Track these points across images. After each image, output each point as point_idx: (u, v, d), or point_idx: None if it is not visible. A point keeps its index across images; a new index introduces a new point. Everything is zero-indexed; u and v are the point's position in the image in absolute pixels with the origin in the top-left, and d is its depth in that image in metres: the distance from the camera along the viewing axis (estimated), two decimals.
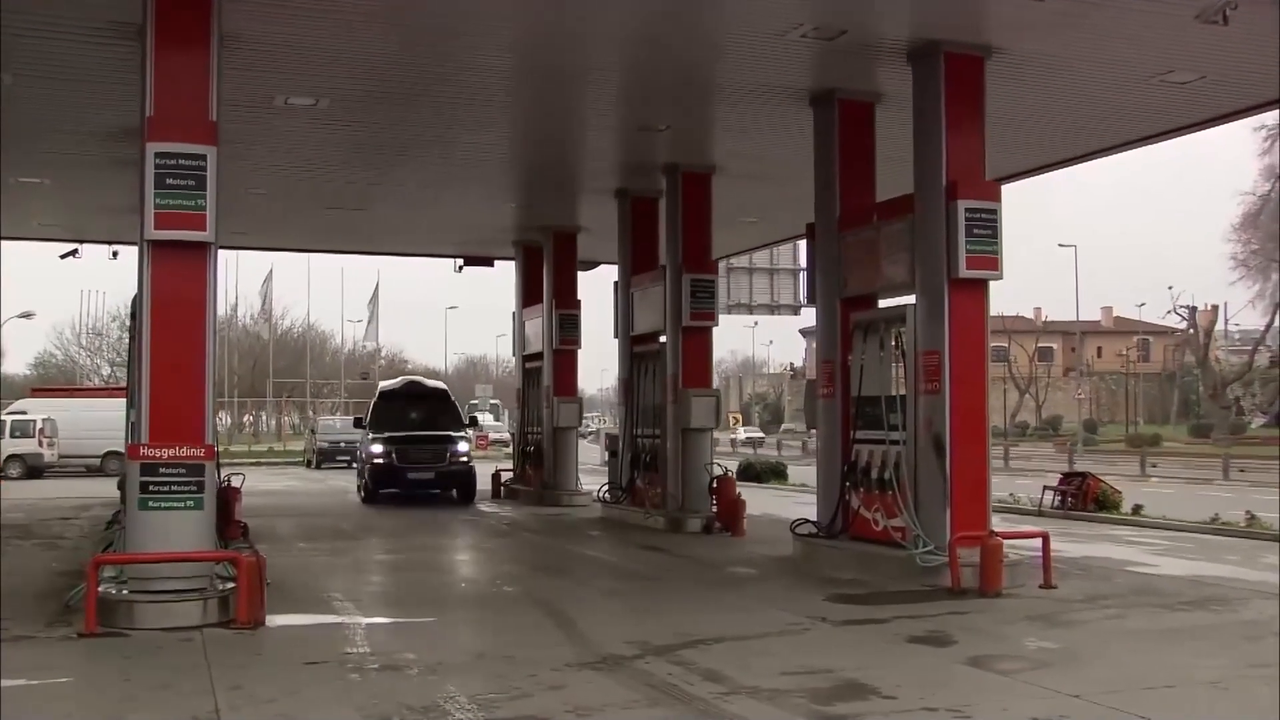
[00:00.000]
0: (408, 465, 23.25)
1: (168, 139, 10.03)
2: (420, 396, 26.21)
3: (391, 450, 23.33)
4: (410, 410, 25.11)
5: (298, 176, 19.06)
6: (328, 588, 12.07)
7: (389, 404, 25.20)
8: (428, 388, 27.88)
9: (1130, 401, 71.09)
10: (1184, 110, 14.71)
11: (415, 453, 23.43)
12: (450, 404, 26.37)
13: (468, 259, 28.14)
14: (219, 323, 10.68)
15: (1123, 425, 68.27)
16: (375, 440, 23.68)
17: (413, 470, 23.28)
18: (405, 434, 23.66)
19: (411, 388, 27.34)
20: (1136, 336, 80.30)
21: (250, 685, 7.68)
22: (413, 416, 24.85)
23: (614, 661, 8.47)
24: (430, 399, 26.14)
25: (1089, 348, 78.12)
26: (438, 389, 27.75)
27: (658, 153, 18.10)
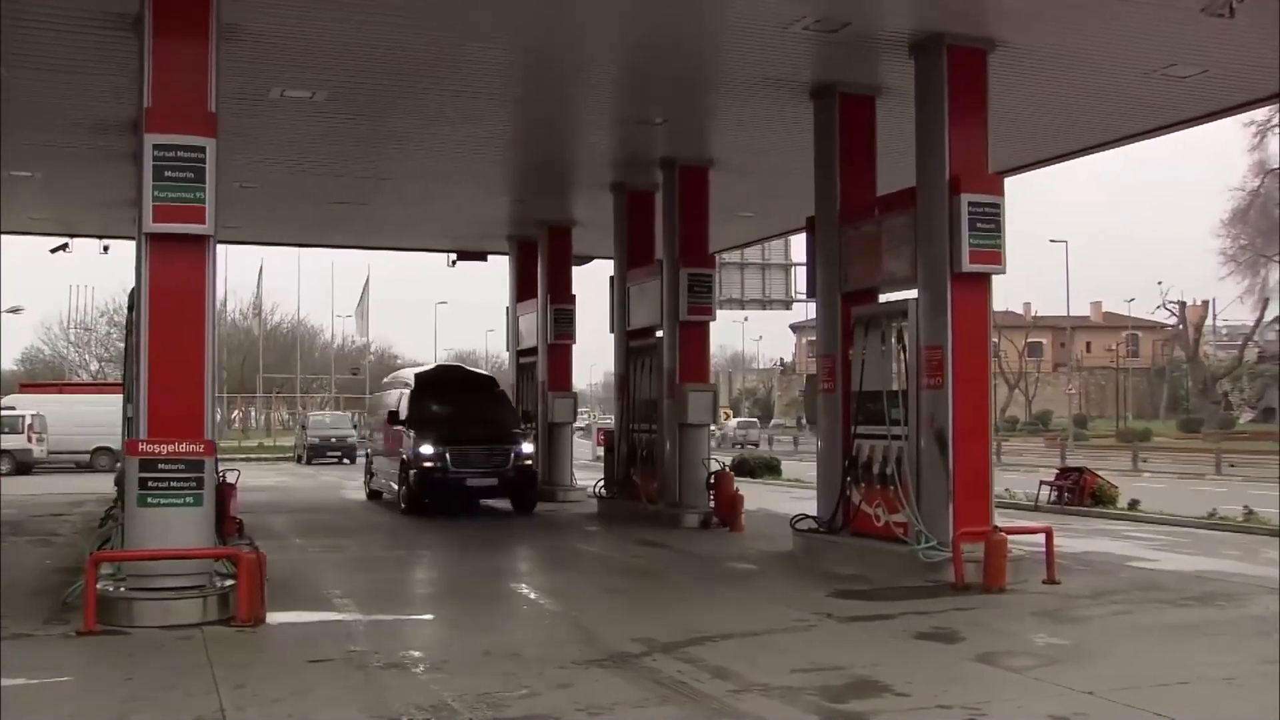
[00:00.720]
0: (467, 471, 19.68)
1: (166, 131, 9.90)
2: (465, 386, 22.79)
3: (446, 453, 19.51)
4: (456, 403, 21.30)
5: (292, 170, 18.93)
6: (326, 584, 11.96)
7: (429, 395, 21.31)
8: (474, 375, 24.80)
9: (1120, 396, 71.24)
10: (1186, 104, 14.67)
11: (476, 456, 19.80)
12: (502, 395, 22.83)
13: (461, 254, 28.05)
14: None
15: (1112, 420, 68.41)
16: (423, 440, 19.64)
17: (473, 476, 19.69)
18: (460, 432, 19.94)
19: (453, 375, 24.15)
20: (1125, 331, 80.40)
21: (255, 684, 7.57)
22: (461, 410, 21.01)
23: (621, 659, 8.38)
24: (477, 389, 22.64)
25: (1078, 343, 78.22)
26: (485, 377, 24.56)
27: (655, 146, 18.00)
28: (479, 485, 19.95)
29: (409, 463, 19.83)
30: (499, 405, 22.06)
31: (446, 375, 23.81)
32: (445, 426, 20.02)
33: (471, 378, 24.17)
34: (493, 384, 23.32)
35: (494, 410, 21.60)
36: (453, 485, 19.68)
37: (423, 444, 19.58)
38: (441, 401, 21.16)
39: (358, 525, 18.83)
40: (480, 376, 24.58)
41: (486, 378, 24.36)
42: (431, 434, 19.70)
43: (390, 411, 21.28)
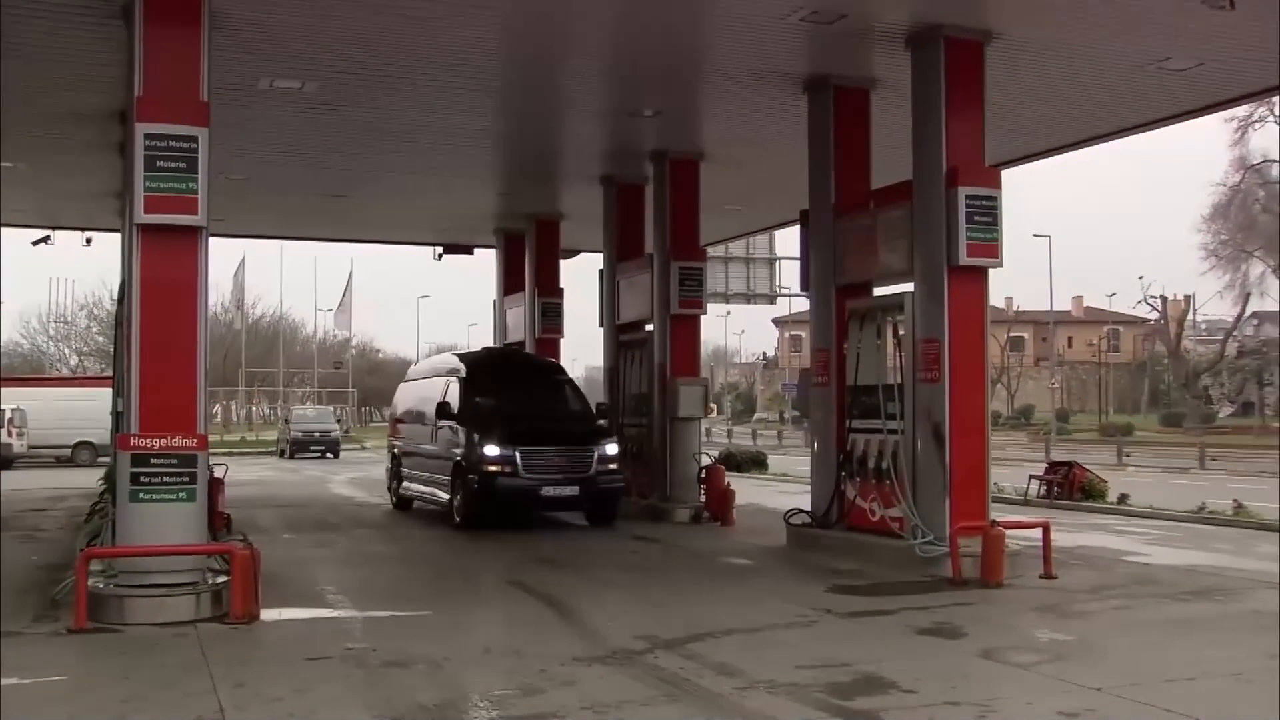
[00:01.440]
0: (541, 477, 16.19)
1: (158, 120, 9.73)
2: (527, 373, 19.32)
3: (516, 455, 16.08)
4: (519, 393, 17.95)
5: (279, 162, 18.77)
6: (319, 580, 11.83)
7: (485, 385, 17.78)
8: (536, 360, 21.01)
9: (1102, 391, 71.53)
10: (1182, 97, 14.63)
11: (553, 459, 16.37)
12: (572, 385, 19.01)
13: (447, 247, 27.86)
14: None
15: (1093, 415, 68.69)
16: (486, 439, 16.23)
17: (549, 484, 16.20)
18: (531, 430, 16.60)
19: (511, 360, 20.38)
20: (1107, 326, 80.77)
21: (254, 683, 7.45)
22: (527, 403, 17.73)
23: (623, 656, 8.29)
24: (542, 376, 19.13)
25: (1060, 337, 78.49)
26: (549, 363, 20.85)
27: (645, 139, 17.88)
28: (556, 495, 16.33)
29: (466, 466, 16.38)
30: (570, 397, 18.44)
31: (502, 360, 20.19)
32: (512, 423, 16.61)
33: (534, 363, 20.49)
34: (559, 371, 19.63)
35: (565, 403, 18.20)
36: (523, 495, 16.19)
37: (486, 444, 16.15)
38: (502, 392, 17.71)
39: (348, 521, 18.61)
40: (544, 362, 20.84)
41: (551, 363, 20.67)
42: (496, 432, 16.29)
43: (440, 404, 17.46)
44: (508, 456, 16.13)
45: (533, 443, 16.33)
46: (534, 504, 16.49)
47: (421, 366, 21.85)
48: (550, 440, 16.56)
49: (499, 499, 16.20)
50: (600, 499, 16.75)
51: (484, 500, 16.17)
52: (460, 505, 16.57)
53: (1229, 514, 17.70)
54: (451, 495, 16.95)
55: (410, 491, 19.26)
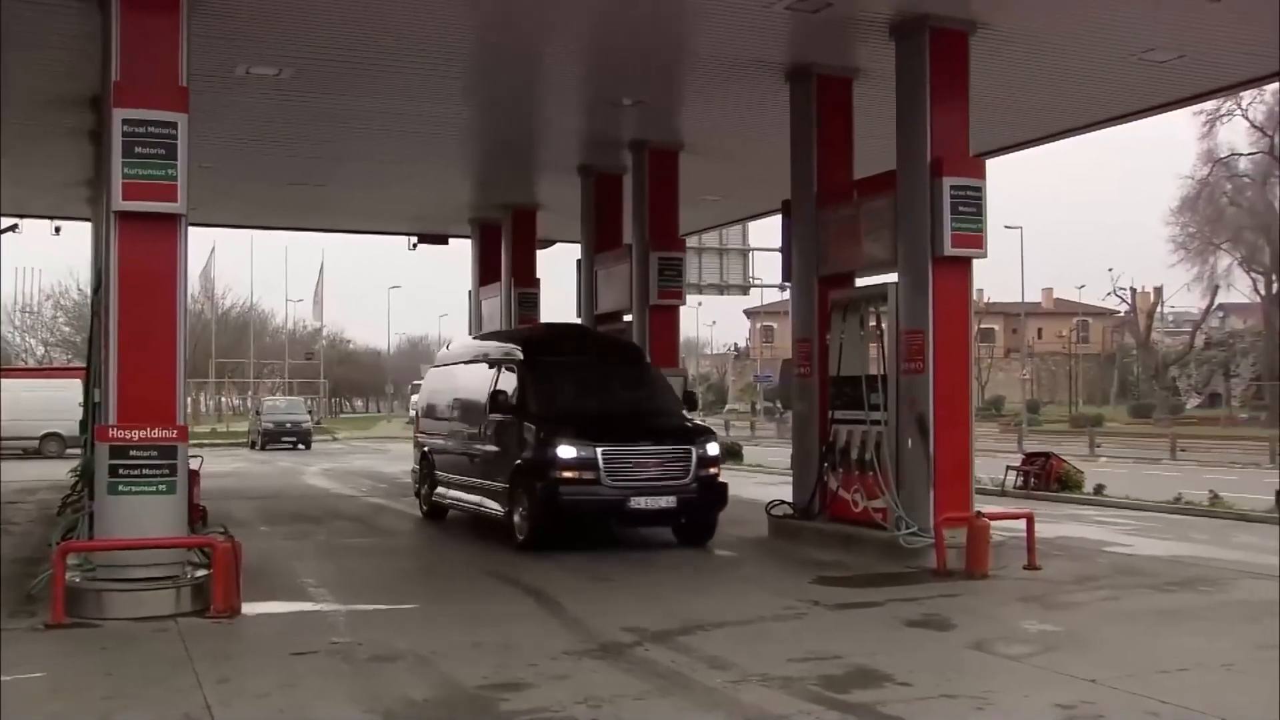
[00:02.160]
0: (629, 485, 13.06)
1: (136, 105, 9.55)
2: (600, 355, 15.58)
3: (598, 457, 12.93)
4: (593, 381, 14.75)
5: (253, 150, 18.55)
6: (299, 573, 11.69)
7: (546, 369, 14.42)
8: (609, 340, 17.30)
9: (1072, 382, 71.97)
10: (1163, 88, 14.68)
11: (643, 463, 13.21)
12: (656, 373, 15.68)
13: (422, 237, 27.70)
14: None
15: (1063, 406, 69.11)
16: (558, 437, 13.08)
17: (639, 494, 13.07)
18: (614, 426, 13.55)
19: (578, 340, 16.45)
20: (1076, 318, 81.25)
21: (239, 678, 7.33)
22: (605, 392, 14.69)
23: (614, 649, 8.21)
24: (618, 359, 15.63)
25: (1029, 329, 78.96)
26: (624, 343, 17.28)
27: (624, 128, 17.78)
28: (646, 509, 13.18)
29: (530, 471, 13.28)
30: (654, 384, 15.20)
31: (568, 339, 16.27)
32: (589, 418, 13.60)
33: (607, 343, 16.83)
34: (638, 353, 16.25)
35: (649, 392, 14.94)
36: (606, 509, 13.25)
37: (559, 443, 13.01)
38: (571, 378, 14.52)
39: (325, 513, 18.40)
40: (619, 341, 17.35)
41: (628, 344, 17.09)
42: (571, 427, 13.22)
43: (494, 393, 14.25)
44: (587, 459, 12.93)
45: (618, 441, 13.19)
46: (621, 517, 13.58)
47: (459, 348, 18.17)
48: (640, 438, 13.45)
49: (574, 513, 13.14)
50: (699, 513, 13.62)
51: (554, 515, 13.03)
52: (523, 521, 13.31)
53: (1205, 504, 17.79)
54: (509, 507, 13.64)
55: (448, 499, 15.94)
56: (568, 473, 12.99)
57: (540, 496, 13.08)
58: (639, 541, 14.09)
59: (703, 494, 13.43)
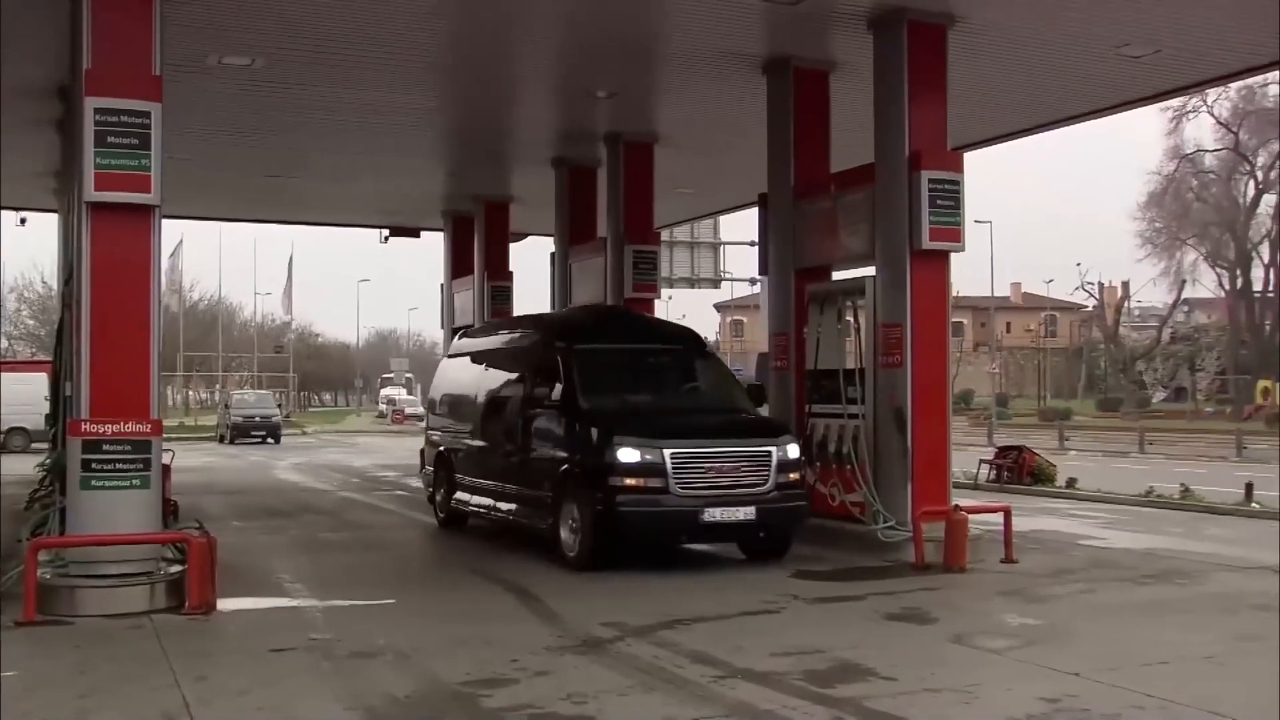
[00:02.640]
0: (703, 493, 11.03)
1: (108, 94, 9.38)
2: (652, 341, 13.59)
3: (665, 461, 10.95)
4: (651, 372, 13.14)
5: (223, 141, 18.39)
6: (274, 569, 11.55)
7: (594, 357, 12.43)
8: (661, 326, 15.34)
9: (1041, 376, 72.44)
10: (1138, 83, 14.80)
11: (719, 467, 11.18)
12: (718, 362, 14.29)
13: (393, 229, 27.55)
14: None
15: (1031, 399, 69.54)
16: (618, 436, 11.12)
17: (715, 504, 11.03)
18: (682, 423, 11.78)
19: (628, 325, 14.21)
20: (1044, 312, 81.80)
21: (217, 676, 7.23)
22: (665, 385, 13.15)
23: (595, 644, 8.15)
24: (674, 346, 13.45)
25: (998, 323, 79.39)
26: (678, 328, 14.90)
27: (598, 121, 17.73)
28: (722, 522, 11.11)
29: (584, 478, 11.34)
30: (718, 375, 13.48)
31: (614, 324, 14.20)
32: (649, 414, 11.95)
33: (659, 328, 14.79)
34: (696, 339, 13.82)
35: (713, 384, 13.18)
36: (677, 523, 11.19)
37: (620, 444, 11.02)
38: (624, 369, 12.80)
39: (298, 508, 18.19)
40: (673, 326, 15.26)
41: (683, 329, 14.71)
42: (630, 426, 11.30)
43: (536, 386, 12.47)
44: (653, 464, 10.93)
45: (689, 440, 11.25)
46: (689, 535, 11.70)
47: (481, 334, 16.32)
48: (714, 437, 11.50)
49: (637, 529, 11.15)
50: (780, 526, 11.66)
51: (613, 530, 11.07)
52: (573, 536, 11.38)
53: (1176, 498, 17.90)
54: (553, 519, 11.62)
55: (471, 506, 13.99)
56: (630, 480, 10.95)
57: (596, 509, 11.02)
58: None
59: (784, 503, 11.43)
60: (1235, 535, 14.26)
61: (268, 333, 74.93)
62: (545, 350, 12.81)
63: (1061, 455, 28.09)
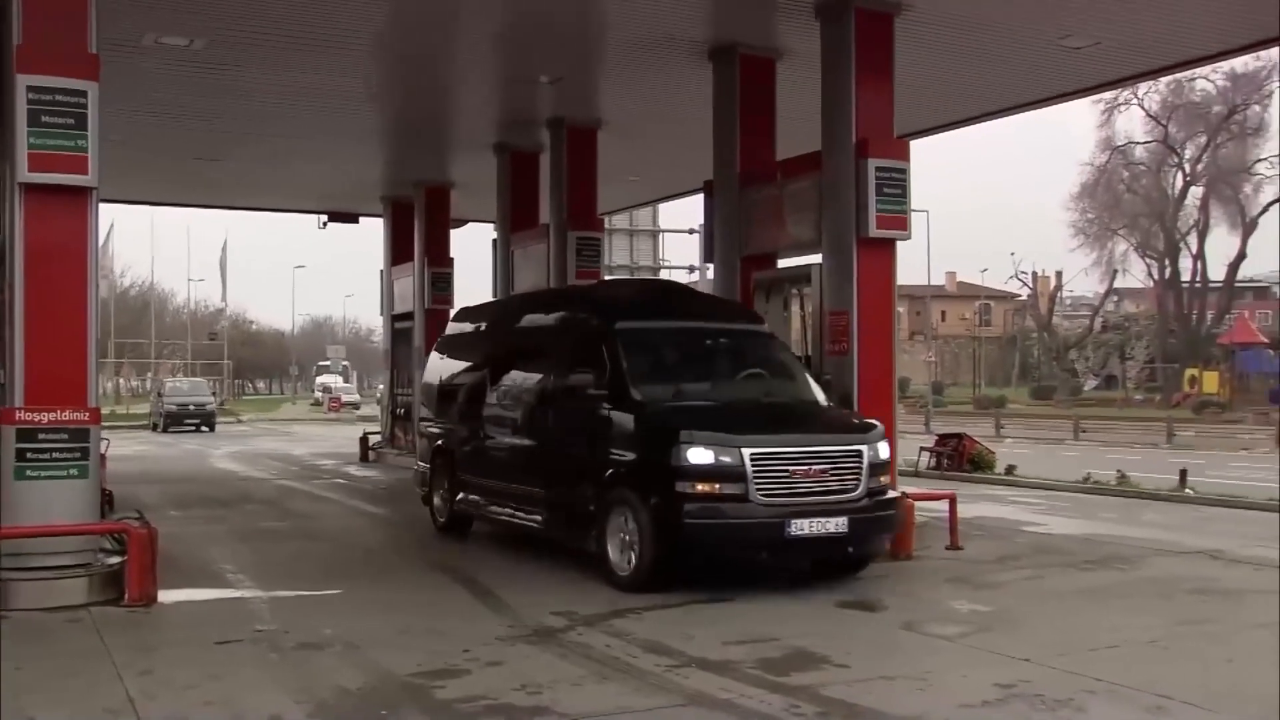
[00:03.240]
0: (789, 504, 9.36)
1: (42, 71, 9.09)
2: (710, 321, 11.67)
3: (745, 463, 9.26)
4: (706, 356, 11.28)
5: (159, 123, 17.96)
6: (215, 559, 11.35)
7: (641, 337, 10.69)
8: (715, 303, 13.18)
9: (976, 365, 73.30)
10: (1078, 74, 14.94)
11: (808, 472, 9.50)
12: (782, 346, 12.18)
13: (332, 215, 27.20)
14: None
15: (966, 387, 70.37)
16: (684, 434, 9.38)
17: (801, 514, 9.35)
18: (758, 419, 10.16)
19: (678, 301, 12.21)
20: (979, 301, 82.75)
21: (162, 670, 7.05)
22: (723, 373, 11.19)
23: (546, 634, 8.08)
24: (734, 328, 11.76)
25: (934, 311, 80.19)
26: (739, 307, 13.30)
27: (541, 106, 17.57)
28: (810, 535, 9.41)
29: (641, 482, 9.59)
30: (785, 361, 11.65)
31: (658, 299, 12.18)
32: (720, 407, 10.32)
33: (714, 305, 12.91)
34: (756, 319, 12.42)
35: (784, 372, 11.41)
36: (759, 535, 9.41)
37: (688, 442, 9.31)
38: (678, 353, 11.07)
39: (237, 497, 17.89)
40: (727, 304, 13.26)
41: (739, 306, 13.36)
42: (698, 420, 9.65)
43: (573, 372, 10.50)
44: (729, 467, 9.24)
45: (770, 438, 9.61)
46: (771, 551, 9.74)
47: (488, 312, 14.56)
48: (797, 433, 9.92)
49: (712, 544, 9.43)
50: (870, 539, 10.06)
51: (680, 546, 9.36)
52: (625, 550, 9.60)
53: (1113, 484, 18.18)
54: (600, 530, 9.84)
55: (482, 511, 12.31)
56: (702, 485, 9.22)
57: (657, 521, 9.28)
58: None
59: (877, 512, 9.81)
60: (1171, 521, 14.51)
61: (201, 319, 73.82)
62: (583, 330, 11.01)
63: (998, 443, 28.44)
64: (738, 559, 9.91)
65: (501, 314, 14.05)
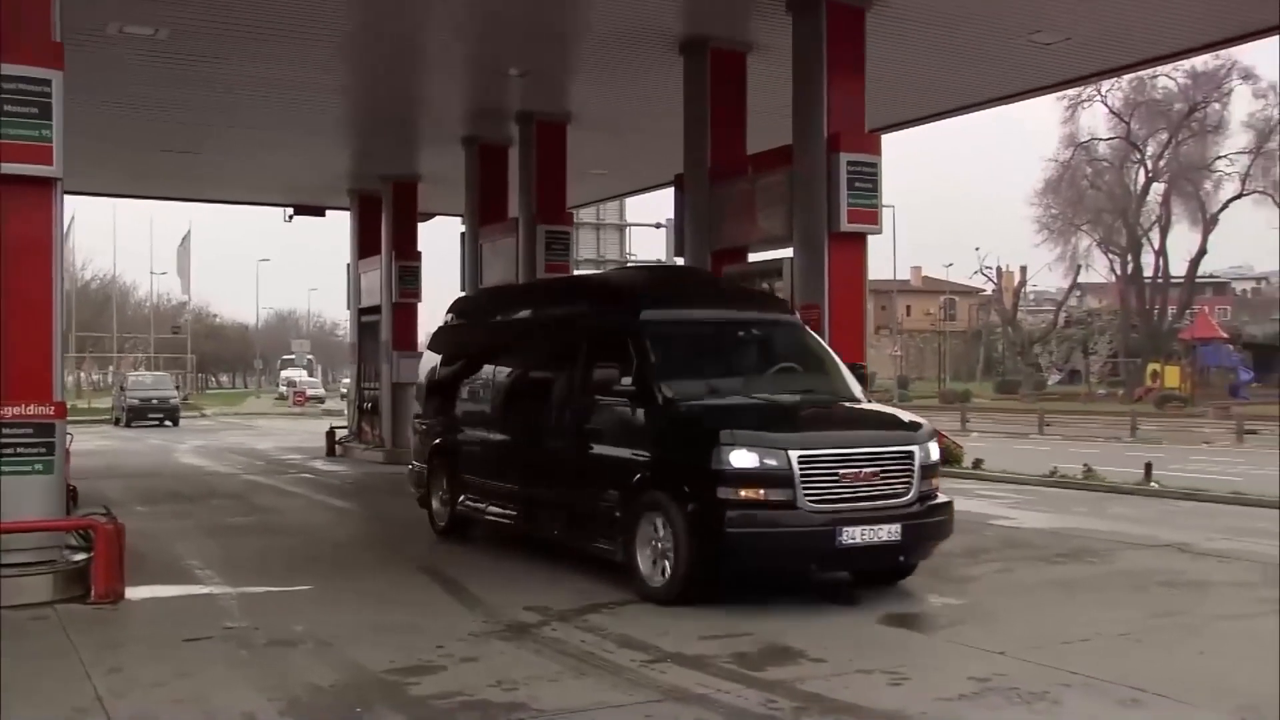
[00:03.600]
0: (839, 510, 8.67)
1: (5, 59, 8.92)
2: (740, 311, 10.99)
3: (792, 466, 8.55)
4: (738, 350, 10.68)
5: (124, 114, 17.79)
6: (183, 555, 11.22)
7: (669, 330, 9.97)
8: (745, 293, 12.51)
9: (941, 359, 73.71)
10: (1048, 70, 15.05)
11: (860, 474, 8.82)
12: (815, 339, 11.03)
13: (298, 208, 26.99)
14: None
15: (931, 381, 70.77)
16: (731, 434, 8.66)
17: (854, 523, 8.66)
18: (804, 418, 9.53)
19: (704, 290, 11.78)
20: (944, 296, 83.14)
21: (131, 667, 6.95)
22: (758, 369, 10.46)
23: (520, 629, 8.03)
24: (765, 319, 10.98)
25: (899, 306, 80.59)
26: (769, 297, 12.56)
27: (511, 100, 17.50)
28: (862, 544, 8.70)
29: (677, 487, 8.88)
30: (822, 356, 10.69)
31: (684, 289, 11.49)
32: (761, 405, 9.50)
33: (742, 295, 12.24)
34: (786, 308, 11.60)
35: (820, 367, 10.54)
36: (808, 545, 8.71)
37: (732, 444, 8.59)
38: (709, 346, 10.36)
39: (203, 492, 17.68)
40: (758, 293, 12.81)
41: (769, 295, 12.71)
42: (741, 419, 8.95)
43: (601, 364, 9.63)
44: (776, 470, 8.55)
45: (819, 439, 8.91)
46: (820, 563, 9.11)
47: (494, 300, 14.19)
48: (845, 432, 9.25)
49: (758, 555, 8.75)
50: (922, 546, 9.37)
51: (721, 556, 8.69)
52: (658, 561, 8.93)
53: (1079, 478, 18.31)
54: (625, 537, 9.23)
55: (489, 515, 11.58)
56: (745, 491, 8.52)
57: (696, 529, 8.61)
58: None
59: (930, 518, 9.16)
60: (1138, 514, 14.62)
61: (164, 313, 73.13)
62: (604, 321, 10.28)
63: (964, 437, 28.58)
64: (783, 572, 9.28)
65: (507, 305, 13.30)
